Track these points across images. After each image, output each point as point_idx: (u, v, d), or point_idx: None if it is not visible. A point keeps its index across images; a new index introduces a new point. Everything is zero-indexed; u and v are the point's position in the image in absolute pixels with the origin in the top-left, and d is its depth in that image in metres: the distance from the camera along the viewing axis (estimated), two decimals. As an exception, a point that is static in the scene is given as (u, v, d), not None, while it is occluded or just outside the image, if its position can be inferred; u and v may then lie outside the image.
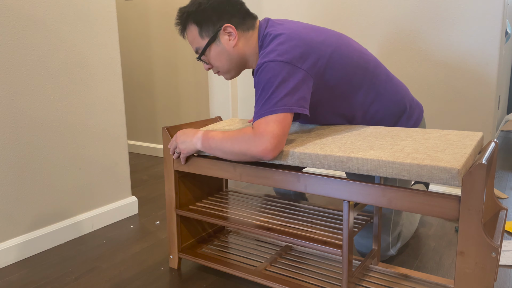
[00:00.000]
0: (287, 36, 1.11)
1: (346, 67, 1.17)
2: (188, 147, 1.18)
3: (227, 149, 1.08)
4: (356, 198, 0.94)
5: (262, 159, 1.03)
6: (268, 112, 1.04)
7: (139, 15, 2.78)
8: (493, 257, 0.79)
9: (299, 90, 1.07)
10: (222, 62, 1.21)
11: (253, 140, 1.03)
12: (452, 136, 1.04)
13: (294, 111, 1.05)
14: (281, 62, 1.06)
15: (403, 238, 1.39)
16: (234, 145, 1.06)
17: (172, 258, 1.34)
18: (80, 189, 1.63)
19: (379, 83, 1.24)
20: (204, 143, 1.14)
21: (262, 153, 1.02)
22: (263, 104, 1.06)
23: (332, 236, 1.06)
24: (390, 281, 1.12)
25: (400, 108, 1.27)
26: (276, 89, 1.05)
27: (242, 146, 1.05)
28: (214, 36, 1.17)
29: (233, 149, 1.07)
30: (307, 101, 1.09)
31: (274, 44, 1.10)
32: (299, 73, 1.07)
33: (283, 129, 1.03)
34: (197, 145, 1.16)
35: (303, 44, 1.10)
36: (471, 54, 1.84)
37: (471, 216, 0.80)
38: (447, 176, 0.81)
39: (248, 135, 1.04)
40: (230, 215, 1.23)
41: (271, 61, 1.07)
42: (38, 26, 1.44)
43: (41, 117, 1.47)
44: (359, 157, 0.92)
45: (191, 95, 2.67)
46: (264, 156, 1.02)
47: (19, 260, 1.44)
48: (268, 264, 1.24)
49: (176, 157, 1.24)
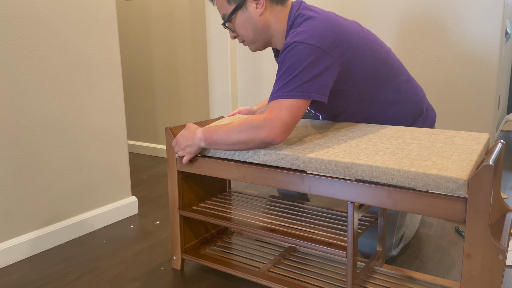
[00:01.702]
0: (321, 21, 1.09)
1: (374, 61, 1.16)
2: (191, 150, 1.17)
3: (234, 139, 1.07)
4: (361, 199, 0.94)
5: (271, 143, 1.03)
6: (285, 95, 1.03)
7: (139, 15, 2.77)
8: (500, 260, 0.79)
9: (322, 77, 1.06)
10: (247, 31, 1.19)
11: (263, 125, 1.02)
12: (458, 138, 1.03)
13: (312, 97, 1.04)
14: (311, 45, 1.05)
15: (405, 239, 1.39)
16: (242, 133, 1.05)
17: (175, 259, 1.33)
18: (80, 189, 1.62)
19: (400, 82, 1.23)
20: (207, 140, 1.13)
21: (271, 137, 1.02)
22: (283, 85, 1.04)
23: (337, 237, 1.06)
24: (395, 283, 1.11)
25: (418, 110, 1.27)
26: (299, 72, 1.03)
27: (250, 133, 1.04)
28: (241, 2, 1.16)
29: (241, 137, 1.06)
30: (329, 89, 1.08)
31: (307, 26, 1.08)
32: (327, 59, 1.06)
33: (295, 117, 1.03)
34: (200, 144, 1.15)
35: (336, 31, 1.09)
36: (471, 54, 1.84)
37: (478, 218, 0.80)
38: (453, 186, 0.81)
39: (257, 121, 1.04)
40: (233, 216, 1.22)
41: (302, 42, 1.05)
42: (38, 26, 1.42)
43: (41, 117, 1.46)
44: (364, 163, 0.91)
45: (191, 95, 2.66)
46: (273, 140, 1.02)
47: (19, 260, 1.43)
48: (271, 265, 1.23)
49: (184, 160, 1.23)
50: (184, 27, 2.58)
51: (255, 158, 1.08)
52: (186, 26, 2.57)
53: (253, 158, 1.08)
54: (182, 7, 2.56)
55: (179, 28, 2.61)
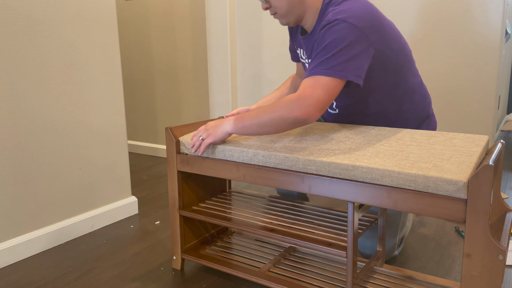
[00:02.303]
0: (361, 3, 1.09)
1: (399, 55, 1.17)
2: (216, 131, 1.12)
3: (266, 119, 1.04)
4: (361, 199, 0.94)
5: (305, 122, 1.02)
6: (322, 72, 1.02)
7: (139, 15, 2.77)
8: (500, 260, 0.79)
9: (360, 59, 1.05)
10: (281, 3, 1.17)
11: (296, 103, 1.01)
12: (458, 140, 1.04)
13: (349, 78, 1.03)
14: (353, 25, 1.04)
15: (404, 237, 1.39)
16: (274, 112, 1.03)
17: (175, 259, 1.33)
18: (80, 189, 1.62)
19: (416, 83, 1.24)
20: (237, 122, 1.09)
21: (305, 116, 1.00)
22: (320, 62, 1.03)
23: (337, 237, 1.06)
24: (395, 283, 1.11)
25: (425, 114, 1.28)
26: (339, 51, 1.02)
27: (283, 112, 1.02)
28: None
29: (273, 117, 1.03)
30: (364, 72, 1.07)
31: (348, 6, 1.08)
32: (365, 41, 1.06)
33: (329, 96, 1.02)
34: (226, 127, 1.10)
35: (374, 16, 1.09)
36: (471, 54, 1.84)
37: (478, 218, 0.80)
38: (453, 188, 0.81)
39: (291, 99, 1.02)
40: (233, 216, 1.22)
41: (344, 21, 1.04)
42: (38, 26, 1.42)
43: (41, 117, 1.46)
44: (364, 165, 0.91)
45: (191, 95, 2.66)
46: (307, 119, 1.01)
47: (19, 260, 1.43)
48: (271, 265, 1.23)
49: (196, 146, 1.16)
50: (184, 27, 2.58)
51: (254, 160, 1.08)
52: (186, 26, 2.57)
53: (253, 160, 1.08)
54: (182, 7, 2.56)
55: (179, 28, 2.60)
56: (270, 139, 1.14)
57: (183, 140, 1.23)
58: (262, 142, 1.12)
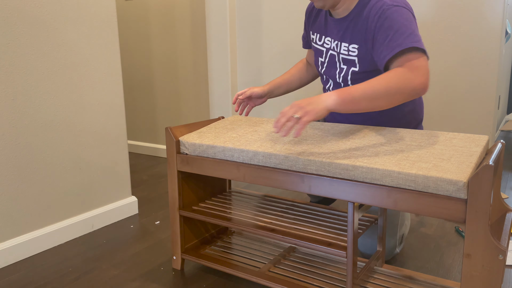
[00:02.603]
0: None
1: None
2: (316, 107, 0.96)
3: (381, 90, 0.96)
4: (361, 199, 0.94)
5: (422, 92, 1.00)
6: (415, 43, 1.02)
7: (139, 15, 2.77)
8: (500, 260, 0.79)
9: None
10: None
11: (412, 73, 0.99)
12: (458, 140, 1.04)
13: (427, 56, 1.04)
14: (410, 12, 1.08)
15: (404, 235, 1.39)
16: (390, 82, 0.97)
17: (175, 259, 1.33)
18: (80, 189, 1.62)
19: None
20: (342, 95, 0.96)
21: (424, 85, 0.99)
22: (407, 36, 1.04)
23: (337, 237, 1.06)
24: (395, 283, 1.11)
25: (420, 116, 1.30)
26: (413, 31, 1.05)
27: (400, 82, 0.98)
28: None
29: (389, 86, 0.97)
30: None
31: None
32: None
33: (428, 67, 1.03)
34: (328, 102, 0.96)
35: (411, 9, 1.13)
36: (471, 54, 1.84)
37: (478, 218, 0.80)
38: (453, 188, 0.81)
39: (404, 70, 1.00)
40: (233, 216, 1.22)
41: (403, 7, 1.08)
42: (38, 26, 1.42)
43: (41, 117, 1.46)
44: (364, 165, 0.91)
45: (191, 95, 2.66)
46: (425, 88, 1.00)
47: (19, 260, 1.43)
48: (271, 265, 1.23)
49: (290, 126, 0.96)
50: (184, 27, 2.58)
51: (254, 160, 1.08)
52: (186, 26, 2.57)
53: (253, 160, 1.08)
54: (182, 7, 2.56)
55: (179, 28, 2.60)
56: (270, 139, 1.14)
57: (183, 140, 1.23)
58: (262, 142, 1.13)
